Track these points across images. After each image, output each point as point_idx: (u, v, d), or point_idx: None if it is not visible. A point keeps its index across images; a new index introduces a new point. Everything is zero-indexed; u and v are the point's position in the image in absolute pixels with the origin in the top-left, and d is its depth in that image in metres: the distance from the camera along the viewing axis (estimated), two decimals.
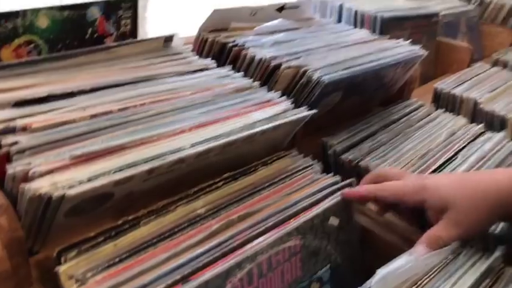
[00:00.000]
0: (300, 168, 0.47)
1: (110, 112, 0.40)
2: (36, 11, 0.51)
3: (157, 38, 0.56)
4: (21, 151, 0.33)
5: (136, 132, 0.38)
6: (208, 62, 0.56)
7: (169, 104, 0.43)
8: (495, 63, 1.00)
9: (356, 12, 0.84)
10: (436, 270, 0.34)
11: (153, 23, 0.64)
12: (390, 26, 0.83)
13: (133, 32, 0.62)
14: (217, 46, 0.61)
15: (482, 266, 0.35)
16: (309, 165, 0.48)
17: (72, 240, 0.32)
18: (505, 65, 0.99)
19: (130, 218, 0.35)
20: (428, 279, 0.33)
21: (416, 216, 0.45)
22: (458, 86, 0.80)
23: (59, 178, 0.31)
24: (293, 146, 0.52)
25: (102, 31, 0.58)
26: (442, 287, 0.33)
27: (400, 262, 0.34)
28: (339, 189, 0.44)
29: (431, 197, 0.38)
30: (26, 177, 0.30)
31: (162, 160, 0.34)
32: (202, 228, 0.36)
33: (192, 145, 0.37)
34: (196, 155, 0.37)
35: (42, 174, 0.31)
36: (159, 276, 0.31)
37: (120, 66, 0.49)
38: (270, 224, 0.37)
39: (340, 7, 0.86)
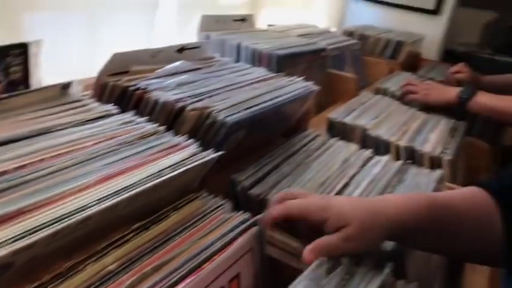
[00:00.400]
0: (211, 209, 0.48)
1: (5, 172, 0.37)
2: None
3: (53, 86, 0.54)
4: None
5: (37, 192, 0.36)
6: (110, 107, 0.55)
7: (71, 158, 0.42)
8: (377, 91, 1.13)
9: (253, 51, 0.89)
10: None
11: (47, 69, 0.61)
12: (285, 63, 0.90)
13: (25, 80, 0.59)
14: (118, 90, 0.60)
15: (375, 283, 0.39)
16: (220, 205, 0.49)
17: None
18: (385, 93, 1.12)
19: (33, 286, 0.33)
20: None
21: (313, 236, 0.48)
22: (348, 115, 0.89)
23: None
24: (203, 186, 0.54)
25: None
26: None
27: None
28: (249, 226, 0.46)
29: (334, 215, 0.42)
30: None
31: (68, 221, 0.33)
32: (115, 285, 0.35)
33: (99, 201, 0.36)
34: (104, 210, 0.36)
35: None
36: None
37: (13, 120, 0.47)
38: (185, 271, 0.37)
39: (238, 46, 0.90)
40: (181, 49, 0.75)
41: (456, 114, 1.01)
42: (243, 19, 1.07)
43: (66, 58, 0.77)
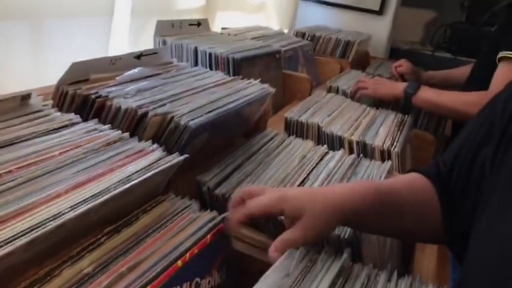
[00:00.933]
0: (179, 210, 0.50)
1: None
2: None
3: (13, 97, 0.54)
4: None
5: (8, 204, 0.37)
6: (72, 116, 0.56)
7: (39, 168, 0.43)
8: (329, 90, 1.18)
9: (210, 55, 0.92)
10: (299, 278, 0.41)
11: (4, 80, 0.61)
12: (242, 65, 0.93)
13: None
14: (79, 99, 0.61)
15: (336, 267, 0.43)
16: (187, 206, 0.51)
17: None
18: (337, 91, 1.18)
19: None
20: (297, 286, 0.40)
21: (274, 228, 0.52)
22: (304, 113, 0.93)
23: None
24: (169, 188, 0.56)
25: None
26: None
27: (269, 279, 0.40)
28: (217, 223, 0.49)
29: (289, 207, 0.45)
30: None
31: (43, 229, 0.35)
32: (93, 286, 0.37)
33: (72, 208, 0.38)
34: (77, 217, 0.37)
35: None
36: None
37: None
38: (159, 269, 0.40)
39: (195, 50, 0.93)
40: (140, 55, 0.76)
41: (403, 108, 1.08)
42: (198, 23, 1.10)
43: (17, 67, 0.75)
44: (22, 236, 0.34)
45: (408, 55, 1.67)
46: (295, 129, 0.89)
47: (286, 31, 1.61)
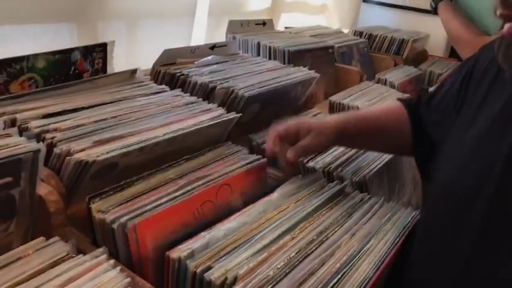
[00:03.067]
0: (234, 152, 0.70)
1: (106, 119, 0.61)
2: (36, 56, 0.72)
3: (125, 72, 0.78)
4: (60, 141, 0.53)
5: (127, 128, 0.59)
6: (164, 87, 0.79)
7: (143, 113, 0.66)
8: (378, 81, 1.32)
9: (270, 48, 1.11)
10: (306, 194, 0.58)
11: (118, 61, 0.86)
12: (295, 57, 1.11)
13: (104, 68, 0.84)
14: (168, 76, 0.84)
15: (336, 188, 0.60)
16: (239, 150, 0.71)
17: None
18: (384, 82, 1.32)
19: (128, 180, 0.56)
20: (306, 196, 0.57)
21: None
22: (347, 97, 1.09)
23: (88, 152, 0.52)
24: (228, 140, 0.76)
25: (82, 68, 0.80)
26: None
27: (284, 188, 0.58)
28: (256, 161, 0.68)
29: (302, 127, 0.65)
30: (69, 154, 0.51)
31: (147, 142, 0.56)
32: (173, 184, 0.58)
33: (164, 134, 0.60)
34: (167, 140, 0.59)
35: (78, 151, 0.51)
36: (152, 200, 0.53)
37: (103, 92, 0.71)
38: (219, 181, 0.60)
39: (258, 44, 1.13)
40: (213, 47, 0.98)
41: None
42: (263, 23, 1.30)
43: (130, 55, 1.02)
44: (135, 145, 0.56)
45: None
46: (337, 110, 1.06)
47: (346, 31, 1.75)
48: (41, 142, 0.46)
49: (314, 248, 0.47)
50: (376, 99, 1.11)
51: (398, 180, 0.83)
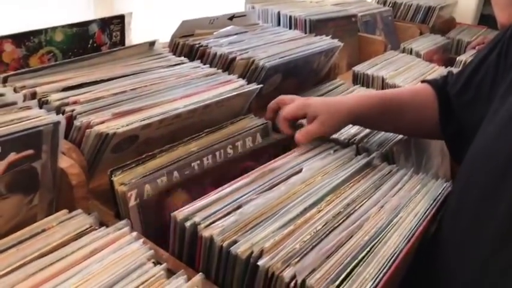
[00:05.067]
0: (256, 124, 0.68)
1: (125, 91, 0.60)
2: (54, 29, 0.70)
3: (143, 44, 0.76)
4: (80, 113, 0.52)
5: (146, 100, 0.58)
6: (182, 58, 0.77)
7: (163, 85, 0.64)
8: (403, 51, 1.27)
9: (290, 17, 1.08)
10: (334, 167, 0.56)
11: (135, 33, 0.84)
12: (317, 27, 1.07)
13: (122, 41, 0.82)
14: (187, 47, 0.82)
15: (364, 161, 0.58)
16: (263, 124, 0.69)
17: None
18: (410, 52, 1.27)
19: (150, 153, 0.55)
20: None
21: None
22: (371, 68, 1.05)
23: (108, 125, 0.51)
24: (250, 113, 0.74)
25: (100, 41, 0.78)
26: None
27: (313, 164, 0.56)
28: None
29: (311, 110, 0.62)
30: (89, 126, 0.50)
31: (167, 114, 0.55)
32: (195, 158, 0.57)
33: (184, 106, 0.58)
34: (188, 112, 0.58)
35: (98, 124, 0.50)
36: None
37: (121, 64, 0.69)
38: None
39: (278, 14, 1.09)
40: (232, 17, 0.95)
41: None
42: None
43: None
44: (155, 117, 0.55)
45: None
46: (361, 80, 1.02)
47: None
48: (61, 114, 0.45)
49: (341, 220, 0.45)
50: (402, 68, 1.07)
51: (425, 152, 0.80)
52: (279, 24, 1.08)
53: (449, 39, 1.45)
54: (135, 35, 0.85)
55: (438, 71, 1.09)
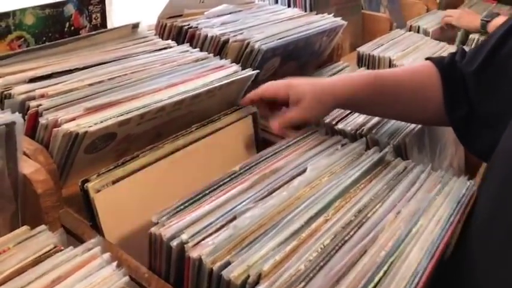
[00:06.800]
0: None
1: (102, 81, 0.53)
2: (23, 11, 0.63)
3: (126, 26, 0.68)
4: (47, 109, 0.45)
5: (126, 92, 0.51)
6: (170, 42, 0.69)
7: (145, 73, 0.57)
8: (410, 29, 1.19)
9: None
10: (345, 163, 0.49)
11: (117, 15, 0.76)
12: (318, 4, 0.99)
13: (103, 23, 0.74)
14: (175, 29, 0.74)
15: (377, 156, 0.50)
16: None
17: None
18: (417, 30, 1.18)
19: (129, 157, 0.48)
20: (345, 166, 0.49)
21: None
22: (377, 48, 0.97)
23: (79, 122, 0.43)
24: None
25: (78, 24, 0.70)
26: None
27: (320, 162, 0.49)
28: None
29: (293, 92, 0.55)
30: (56, 124, 0.43)
31: (149, 107, 0.48)
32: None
33: (169, 97, 0.51)
34: (173, 103, 0.50)
35: (67, 121, 0.43)
36: None
37: (101, 50, 0.62)
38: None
39: None
40: None
41: None
42: None
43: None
44: (134, 111, 0.47)
45: None
46: (367, 63, 0.94)
47: None
48: (17, 113, 0.38)
49: (353, 232, 0.38)
50: (410, 48, 0.99)
51: (439, 142, 0.73)
52: (276, 2, 1.00)
53: None
54: (117, 17, 0.77)
55: (449, 50, 1.01)
